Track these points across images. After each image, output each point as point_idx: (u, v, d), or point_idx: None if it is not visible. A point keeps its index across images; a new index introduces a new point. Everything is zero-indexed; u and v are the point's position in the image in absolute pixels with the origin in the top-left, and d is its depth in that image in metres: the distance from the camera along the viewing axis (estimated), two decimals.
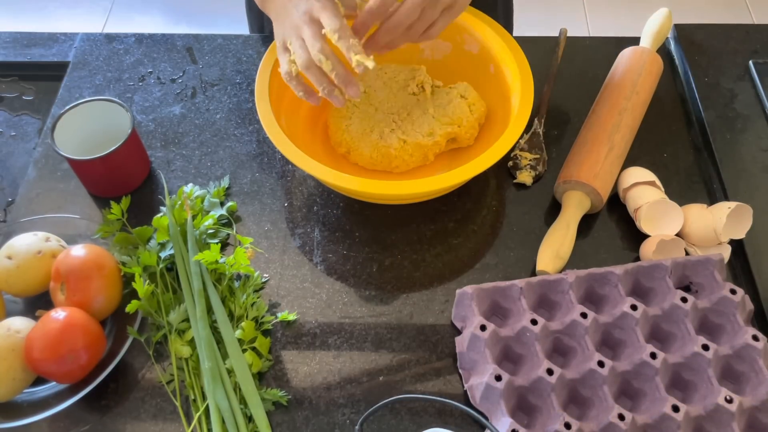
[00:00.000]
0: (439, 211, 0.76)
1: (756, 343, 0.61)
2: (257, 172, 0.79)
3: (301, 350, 0.67)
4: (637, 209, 0.72)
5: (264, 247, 0.73)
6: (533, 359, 0.62)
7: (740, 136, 0.82)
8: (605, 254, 0.73)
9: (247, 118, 0.84)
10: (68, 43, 0.92)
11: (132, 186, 0.77)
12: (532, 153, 0.79)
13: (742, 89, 0.86)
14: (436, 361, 0.66)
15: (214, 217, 0.72)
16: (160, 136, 0.82)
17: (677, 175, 0.79)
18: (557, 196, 0.76)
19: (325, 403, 0.64)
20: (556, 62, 0.87)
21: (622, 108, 0.77)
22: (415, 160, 0.76)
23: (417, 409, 0.63)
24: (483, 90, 0.79)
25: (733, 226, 0.69)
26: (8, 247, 0.66)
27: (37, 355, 0.59)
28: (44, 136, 0.82)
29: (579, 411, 0.61)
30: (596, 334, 0.64)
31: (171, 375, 0.64)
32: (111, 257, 0.67)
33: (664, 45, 0.92)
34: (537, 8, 2.09)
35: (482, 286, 0.65)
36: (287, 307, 0.69)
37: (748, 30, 0.93)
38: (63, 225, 0.71)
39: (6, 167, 0.81)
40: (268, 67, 0.73)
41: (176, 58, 0.90)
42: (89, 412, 0.63)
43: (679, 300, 0.64)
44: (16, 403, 0.62)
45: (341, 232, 0.75)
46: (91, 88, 0.87)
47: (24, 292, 0.67)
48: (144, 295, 0.64)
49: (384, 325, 0.68)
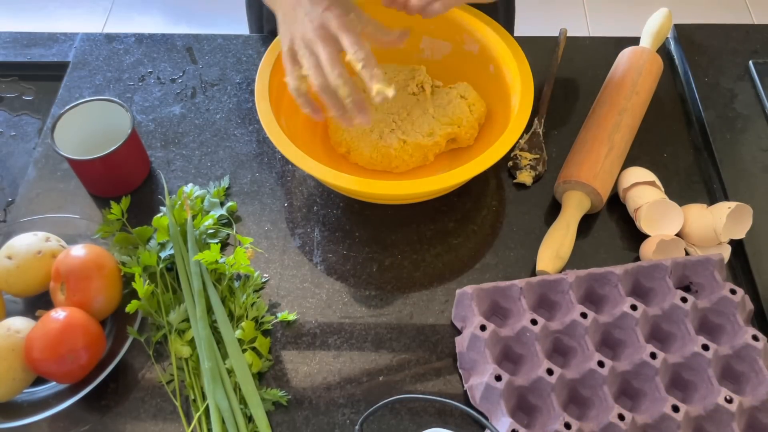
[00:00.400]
0: (439, 211, 0.76)
1: (756, 343, 0.61)
2: (257, 172, 0.79)
3: (301, 350, 0.67)
4: (637, 209, 0.72)
5: (264, 247, 0.73)
6: (533, 359, 0.62)
7: (740, 136, 0.82)
8: (605, 254, 0.73)
9: (247, 118, 0.84)
10: (68, 43, 0.92)
11: (132, 186, 0.77)
12: (532, 153, 0.79)
13: (742, 89, 0.86)
14: (436, 361, 0.66)
15: (214, 217, 0.72)
16: (160, 136, 0.82)
17: (677, 175, 0.79)
18: (557, 196, 0.76)
19: (325, 403, 0.64)
20: (556, 62, 0.87)
21: (622, 108, 0.77)
22: (415, 161, 0.76)
23: (417, 409, 0.63)
24: (483, 90, 0.79)
25: (733, 226, 0.69)
26: (8, 247, 0.66)
27: (37, 355, 0.59)
28: (44, 136, 0.82)
29: (579, 411, 0.61)
30: (596, 334, 0.64)
31: (171, 375, 0.64)
32: (111, 257, 0.67)
33: (664, 45, 0.92)
34: (537, 8, 2.09)
35: (482, 286, 0.65)
36: (287, 307, 0.69)
37: (748, 30, 0.93)
38: (63, 225, 0.71)
39: (6, 167, 0.81)
40: (268, 67, 0.73)
41: (176, 58, 0.90)
42: (89, 412, 0.63)
43: (679, 300, 0.64)
44: (16, 403, 0.62)
45: (341, 232, 0.75)
46: (91, 88, 0.87)
47: (24, 292, 0.67)
48: (144, 295, 0.64)
49: (384, 325, 0.68)
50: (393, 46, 0.66)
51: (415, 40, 0.83)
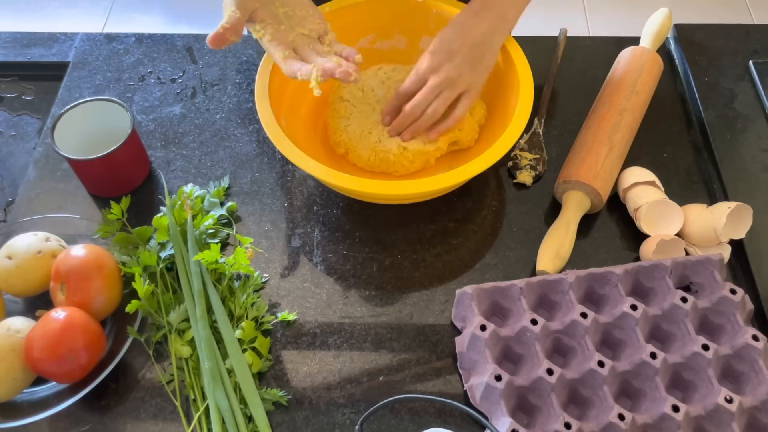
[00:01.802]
0: (439, 211, 0.76)
1: (756, 343, 0.61)
2: (257, 172, 0.79)
3: (301, 350, 0.67)
4: (637, 209, 0.72)
5: (264, 247, 0.73)
6: (533, 359, 0.62)
7: (740, 136, 0.82)
8: (605, 254, 0.73)
9: (247, 118, 0.84)
10: (68, 43, 0.92)
11: (132, 186, 0.77)
12: (532, 153, 0.79)
13: (742, 89, 0.86)
14: (436, 361, 0.66)
15: (214, 217, 0.72)
16: (160, 136, 0.82)
17: (677, 175, 0.79)
18: (557, 196, 0.76)
19: (325, 403, 0.64)
20: (556, 62, 0.87)
21: (622, 108, 0.77)
22: (415, 166, 0.75)
23: (417, 409, 0.63)
24: (483, 90, 0.79)
25: (733, 226, 0.69)
26: (8, 247, 0.66)
27: (37, 355, 0.59)
28: (44, 136, 0.82)
29: (579, 411, 0.61)
30: (596, 334, 0.64)
31: (171, 375, 0.64)
32: (111, 257, 0.67)
33: (664, 45, 0.92)
34: (537, 8, 2.09)
35: (482, 286, 0.65)
36: (287, 307, 0.69)
37: (748, 30, 0.93)
38: (63, 225, 0.71)
39: (6, 167, 0.81)
40: (268, 67, 0.73)
41: (176, 58, 0.90)
42: (89, 412, 0.63)
43: (679, 300, 0.64)
44: (16, 403, 0.62)
45: (341, 232, 0.75)
46: (91, 88, 0.87)
47: (24, 292, 0.67)
48: (144, 295, 0.64)
49: (384, 325, 0.68)
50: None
51: (414, 40, 0.83)
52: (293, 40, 0.65)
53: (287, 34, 0.65)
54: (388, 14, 0.82)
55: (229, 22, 0.62)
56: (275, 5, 0.65)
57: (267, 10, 0.65)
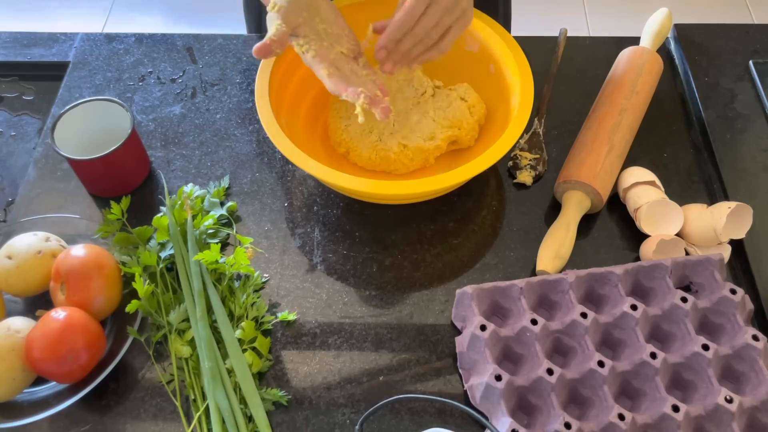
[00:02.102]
0: (439, 211, 0.76)
1: (756, 343, 0.61)
2: (257, 172, 0.79)
3: (301, 350, 0.67)
4: (637, 209, 0.72)
5: (264, 247, 0.73)
6: (533, 359, 0.62)
7: (740, 136, 0.82)
8: (605, 254, 0.73)
9: (247, 118, 0.84)
10: (68, 43, 0.92)
11: (132, 186, 0.77)
12: (532, 153, 0.79)
13: (742, 89, 0.86)
14: (436, 361, 0.66)
15: (214, 217, 0.72)
16: (160, 136, 0.82)
17: (677, 175, 0.79)
18: (557, 196, 0.76)
19: (325, 403, 0.64)
20: (556, 62, 0.87)
21: (622, 108, 0.77)
22: (415, 164, 0.76)
23: (417, 409, 0.63)
24: (483, 90, 0.79)
25: (733, 226, 0.69)
26: (8, 247, 0.66)
27: (37, 355, 0.59)
28: (44, 136, 0.82)
29: (579, 411, 0.61)
30: (596, 334, 0.64)
31: (171, 375, 0.64)
32: (111, 257, 0.67)
33: (664, 45, 0.92)
34: (537, 8, 2.09)
35: (482, 286, 0.65)
36: (287, 307, 0.69)
37: (748, 30, 0.93)
38: (63, 225, 0.71)
39: (6, 167, 0.81)
40: (268, 67, 0.73)
41: (176, 58, 0.90)
42: (89, 412, 0.63)
43: (679, 300, 0.64)
44: (16, 403, 0.62)
45: (341, 232, 0.75)
46: (91, 88, 0.87)
47: (24, 292, 0.67)
48: (144, 295, 0.64)
49: (384, 325, 0.68)
50: None
51: None
52: (334, 58, 0.66)
53: (329, 51, 0.66)
54: (388, 14, 0.82)
55: (276, 35, 0.63)
56: (315, 21, 0.66)
57: (309, 26, 0.65)
